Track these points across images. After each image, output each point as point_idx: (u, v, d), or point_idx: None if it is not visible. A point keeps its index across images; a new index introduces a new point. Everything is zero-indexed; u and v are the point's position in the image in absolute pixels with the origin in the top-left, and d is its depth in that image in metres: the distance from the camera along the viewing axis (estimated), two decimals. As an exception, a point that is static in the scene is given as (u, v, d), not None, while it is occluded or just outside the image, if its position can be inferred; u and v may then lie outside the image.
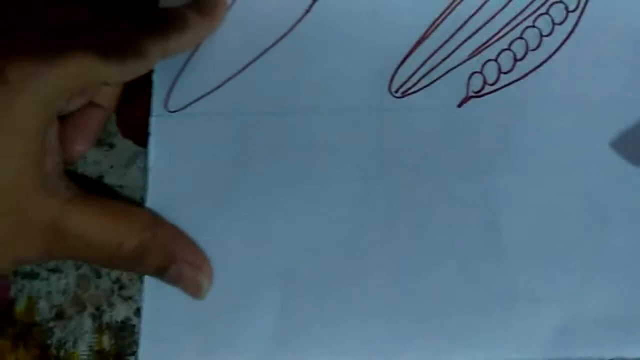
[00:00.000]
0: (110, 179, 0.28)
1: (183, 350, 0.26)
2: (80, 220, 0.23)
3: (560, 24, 0.28)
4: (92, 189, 0.25)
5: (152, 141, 0.27)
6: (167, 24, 0.25)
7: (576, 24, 0.27)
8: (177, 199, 0.27)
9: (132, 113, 0.28)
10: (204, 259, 0.26)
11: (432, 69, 0.27)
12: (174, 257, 0.25)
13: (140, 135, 0.28)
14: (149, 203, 0.27)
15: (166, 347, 0.26)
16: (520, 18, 0.28)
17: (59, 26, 0.23)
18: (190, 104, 0.28)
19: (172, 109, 0.28)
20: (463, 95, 0.27)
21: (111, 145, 0.28)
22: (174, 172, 0.27)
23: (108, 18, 0.25)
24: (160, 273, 0.25)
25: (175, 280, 0.25)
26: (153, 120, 0.28)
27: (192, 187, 0.27)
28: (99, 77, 0.24)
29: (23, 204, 0.22)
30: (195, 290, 0.25)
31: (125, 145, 0.28)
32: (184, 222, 0.26)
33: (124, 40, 0.24)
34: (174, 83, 0.28)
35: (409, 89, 0.27)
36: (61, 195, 0.24)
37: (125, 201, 0.27)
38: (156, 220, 0.26)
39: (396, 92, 0.27)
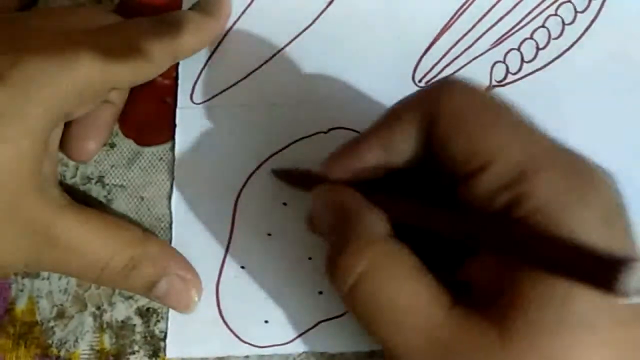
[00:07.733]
0: (110, 179, 0.28)
1: (208, 343, 0.26)
2: (73, 229, 0.23)
3: (583, 12, 0.28)
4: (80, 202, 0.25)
5: (178, 131, 0.28)
6: (173, 28, 0.25)
7: (598, 12, 0.27)
8: (202, 185, 0.27)
9: (133, 113, 0.28)
10: (194, 272, 0.26)
11: (455, 59, 0.27)
12: (165, 271, 0.25)
13: (141, 135, 0.28)
14: (175, 190, 0.27)
15: (192, 339, 0.26)
16: (542, 6, 0.28)
17: (68, 31, 0.24)
18: (215, 96, 0.28)
19: (197, 101, 0.28)
20: (486, 85, 0.27)
21: (112, 145, 0.28)
22: (198, 159, 0.27)
23: (116, 24, 0.25)
24: (149, 289, 0.25)
25: (166, 295, 0.25)
26: (179, 112, 0.28)
27: (216, 173, 0.27)
28: (107, 81, 0.24)
29: (17, 203, 0.22)
30: (186, 304, 0.25)
31: (126, 145, 0.28)
32: (208, 209, 0.27)
33: (131, 46, 0.24)
34: (198, 77, 0.28)
35: (433, 78, 0.27)
36: (55, 202, 0.23)
37: (115, 215, 0.27)
38: (146, 234, 0.25)
39: (420, 81, 0.27)
